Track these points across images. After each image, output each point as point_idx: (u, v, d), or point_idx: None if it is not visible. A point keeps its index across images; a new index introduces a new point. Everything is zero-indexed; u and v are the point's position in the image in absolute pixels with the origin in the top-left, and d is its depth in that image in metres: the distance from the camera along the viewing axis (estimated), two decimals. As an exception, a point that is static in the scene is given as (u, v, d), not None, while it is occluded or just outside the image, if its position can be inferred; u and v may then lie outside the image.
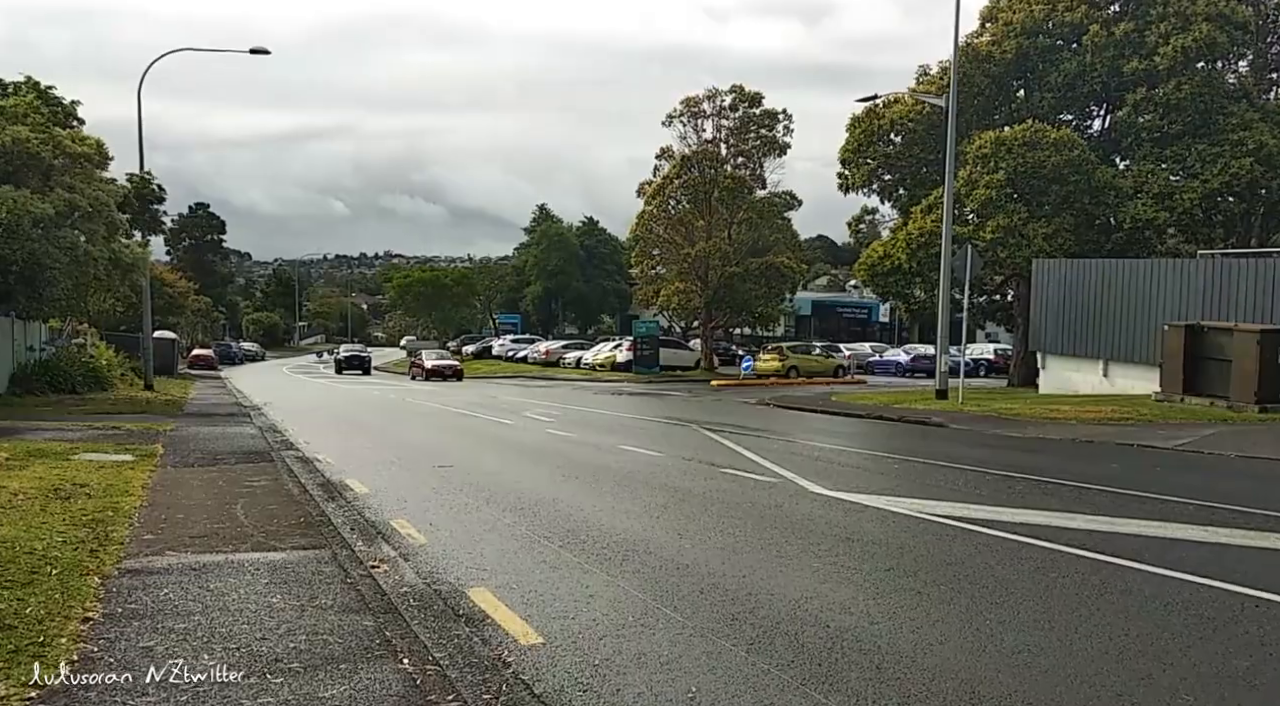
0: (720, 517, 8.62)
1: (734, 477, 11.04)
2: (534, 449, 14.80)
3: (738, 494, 9.94)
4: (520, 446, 15.25)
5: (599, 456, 13.48)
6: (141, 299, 33.03)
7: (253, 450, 14.51)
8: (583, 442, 15.81)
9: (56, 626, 4.83)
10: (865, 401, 24.40)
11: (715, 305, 44.88)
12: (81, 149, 26.55)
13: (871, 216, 31.13)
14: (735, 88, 43.81)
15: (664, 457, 13.20)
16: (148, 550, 6.87)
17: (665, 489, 10.35)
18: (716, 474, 11.42)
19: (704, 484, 10.72)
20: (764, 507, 9.10)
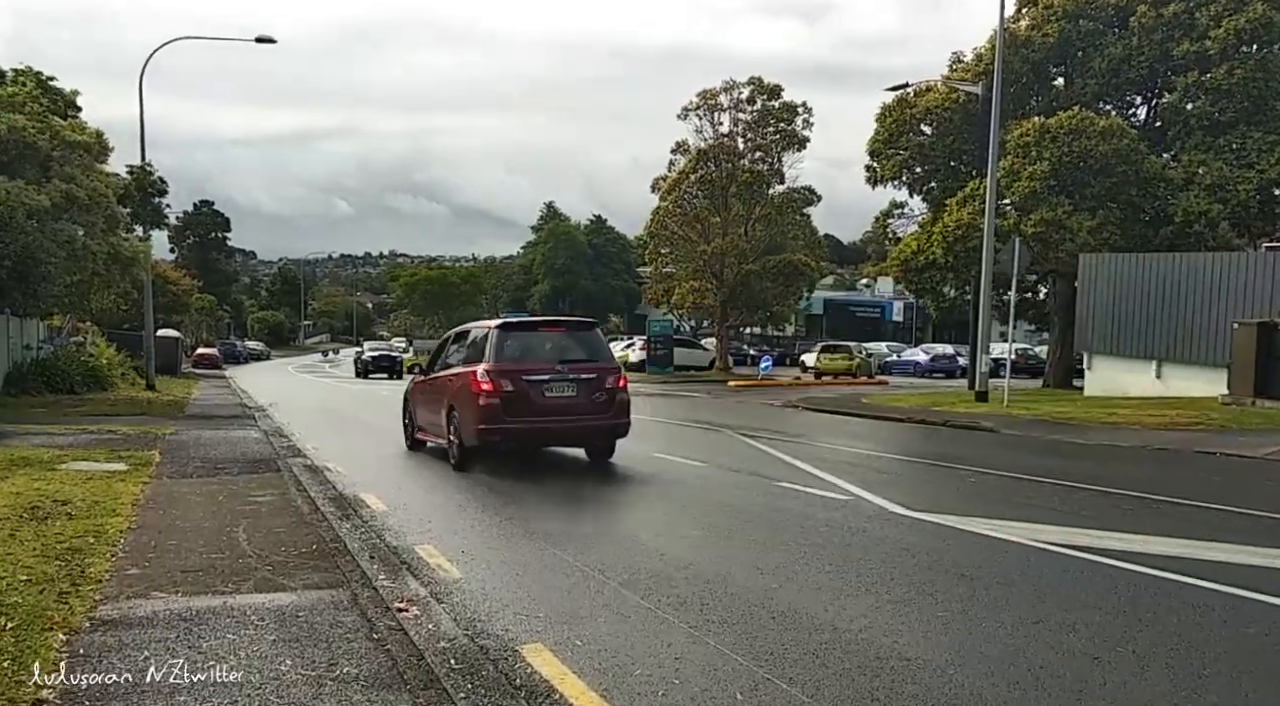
0: (799, 545, 7.44)
1: (796, 494, 9.85)
2: (559, 457, 13.61)
3: (808, 514, 8.76)
4: (543, 454, 14.07)
5: (635, 467, 12.29)
6: (143, 295, 31.92)
7: (257, 457, 13.37)
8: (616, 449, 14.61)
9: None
10: (900, 404, 23.20)
11: (731, 304, 43.66)
12: (80, 138, 25.45)
13: (901, 210, 29.90)
14: (753, 79, 42.61)
15: (707, 469, 12.01)
16: (130, 591, 5.70)
17: (722, 508, 9.16)
18: (774, 489, 10.23)
19: (763, 501, 9.54)
20: (845, 532, 7.92)
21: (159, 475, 11.15)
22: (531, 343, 12.37)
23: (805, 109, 42.36)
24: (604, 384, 12.00)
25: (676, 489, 10.30)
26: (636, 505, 9.43)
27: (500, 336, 12.05)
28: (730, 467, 12.09)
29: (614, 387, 12.14)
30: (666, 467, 12.11)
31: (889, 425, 19.11)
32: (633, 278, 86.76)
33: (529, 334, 12.74)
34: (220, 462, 12.71)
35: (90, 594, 5.52)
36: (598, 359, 12.36)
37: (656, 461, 12.71)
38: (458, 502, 9.64)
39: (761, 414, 22.64)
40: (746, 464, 12.46)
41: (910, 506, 8.93)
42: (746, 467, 12.05)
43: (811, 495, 9.71)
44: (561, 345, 12.42)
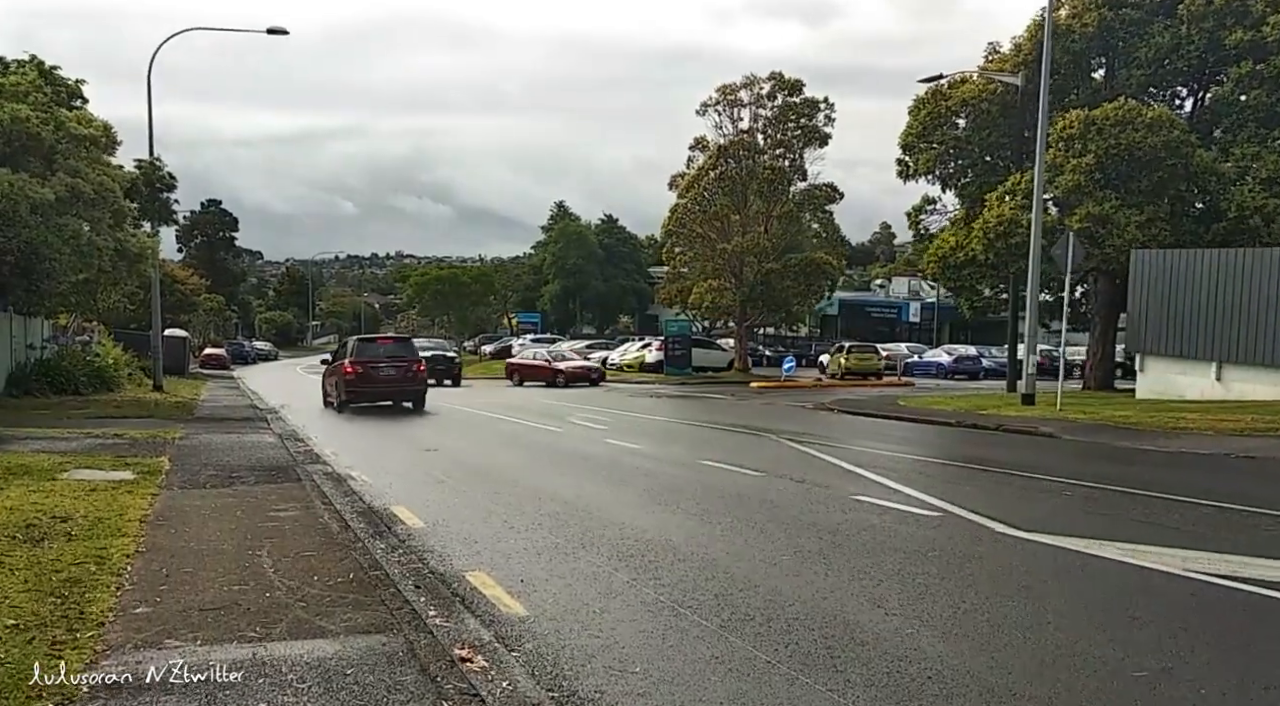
0: (914, 575, 6.42)
1: (879, 509, 8.84)
2: (605, 464, 12.62)
3: (904, 534, 7.75)
4: (586, 461, 13.07)
5: (688, 476, 11.31)
6: (150, 294, 31.00)
7: (274, 464, 12.40)
8: (656, 456, 13.62)
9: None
10: (941, 406, 22.16)
11: (751, 304, 42.64)
12: (87, 131, 24.49)
13: (933, 206, 28.86)
14: (774, 75, 41.61)
15: (767, 479, 10.99)
16: (137, 637, 4.71)
17: (804, 526, 8.13)
18: (852, 504, 9.21)
19: (848, 518, 8.52)
20: (959, 559, 6.91)
21: (169, 485, 10.17)
22: (374, 347, 23.75)
23: (827, 105, 41.39)
24: (410, 369, 22.70)
25: (747, 505, 9.27)
26: (706, 521, 8.41)
27: (358, 344, 23.82)
28: (793, 478, 11.06)
29: (416, 371, 22.90)
30: (723, 479, 11.10)
31: (939, 430, 18.09)
32: (644, 278, 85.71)
33: (372, 343, 24.39)
34: (235, 470, 11.74)
35: (89, 643, 4.53)
36: (408, 356, 23.33)
37: (711, 471, 11.70)
38: (503, 518, 8.64)
39: (797, 417, 21.62)
40: (809, 474, 11.44)
41: (1015, 525, 7.91)
42: (811, 478, 11.03)
43: (897, 511, 8.70)
44: (389, 349, 23.83)
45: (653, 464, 12.70)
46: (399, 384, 22.36)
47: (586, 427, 18.42)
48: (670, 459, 13.19)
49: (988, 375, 44.83)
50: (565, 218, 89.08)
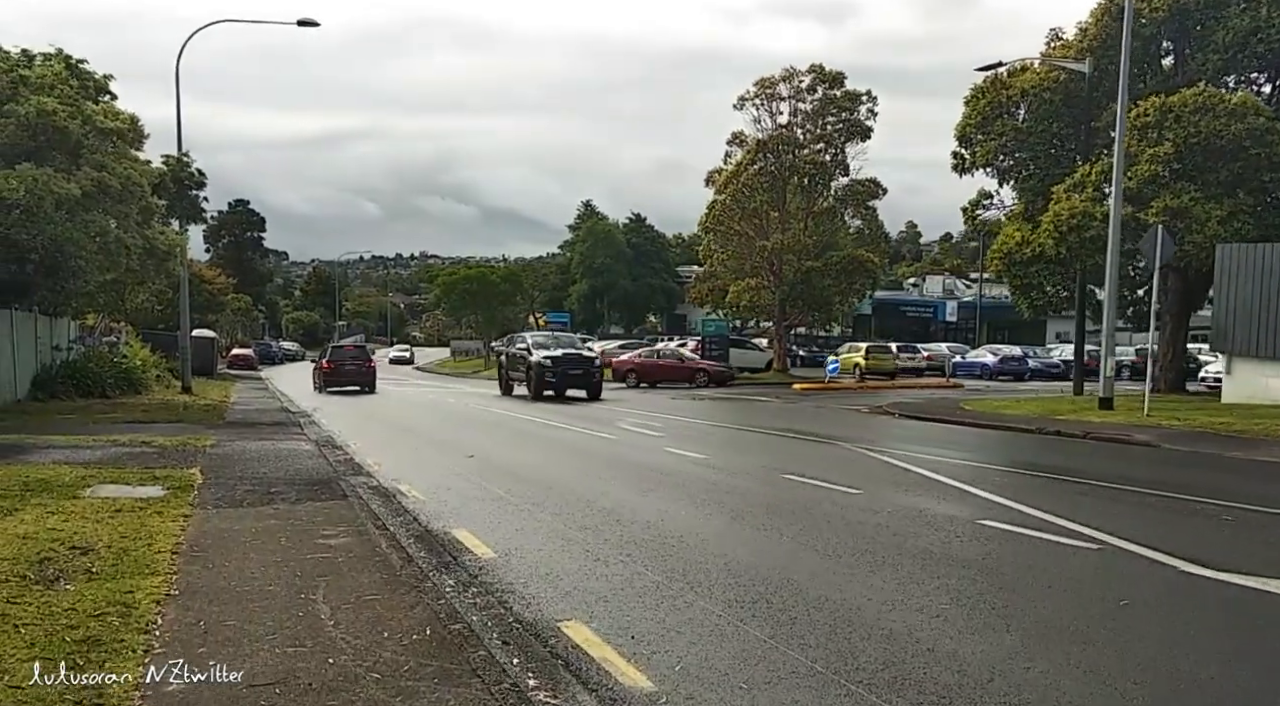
0: (1122, 635, 5.23)
1: (1022, 539, 7.64)
2: (677, 479, 11.47)
3: (1074, 576, 6.56)
4: (655, 475, 11.93)
5: (776, 494, 10.15)
6: (178, 293, 30.19)
7: (315, 477, 11.36)
8: (728, 469, 12.46)
9: None
10: (1009, 410, 20.87)
11: (790, 303, 41.37)
12: (113, 124, 23.64)
13: (989, 200, 27.47)
14: (814, 67, 40.31)
15: (869, 499, 9.79)
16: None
17: (947, 564, 6.92)
18: (985, 532, 8.00)
19: (991, 550, 7.33)
20: (1162, 610, 5.70)
21: (203, 503, 9.13)
22: (341, 352, 35.19)
23: (869, 97, 40.07)
24: (365, 366, 33.34)
25: (862, 533, 8.09)
26: (831, 556, 7.24)
27: (331, 349, 35.81)
28: (895, 496, 9.87)
29: (370, 366, 33.70)
30: (817, 497, 9.92)
31: (1019, 437, 16.80)
32: (672, 277, 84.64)
33: (341, 349, 35.93)
34: (273, 484, 10.69)
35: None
36: (363, 358, 34.11)
37: (798, 488, 10.52)
38: (584, 547, 7.50)
39: (858, 422, 20.41)
40: (909, 491, 10.24)
41: (1198, 561, 6.69)
42: (915, 496, 9.83)
43: (1044, 541, 7.49)
44: (351, 353, 34.75)
45: (729, 478, 11.53)
46: (356, 375, 33.48)
47: (640, 434, 17.29)
48: (745, 471, 12.02)
49: (1034, 376, 43.38)
50: (593, 217, 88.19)
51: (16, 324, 21.46)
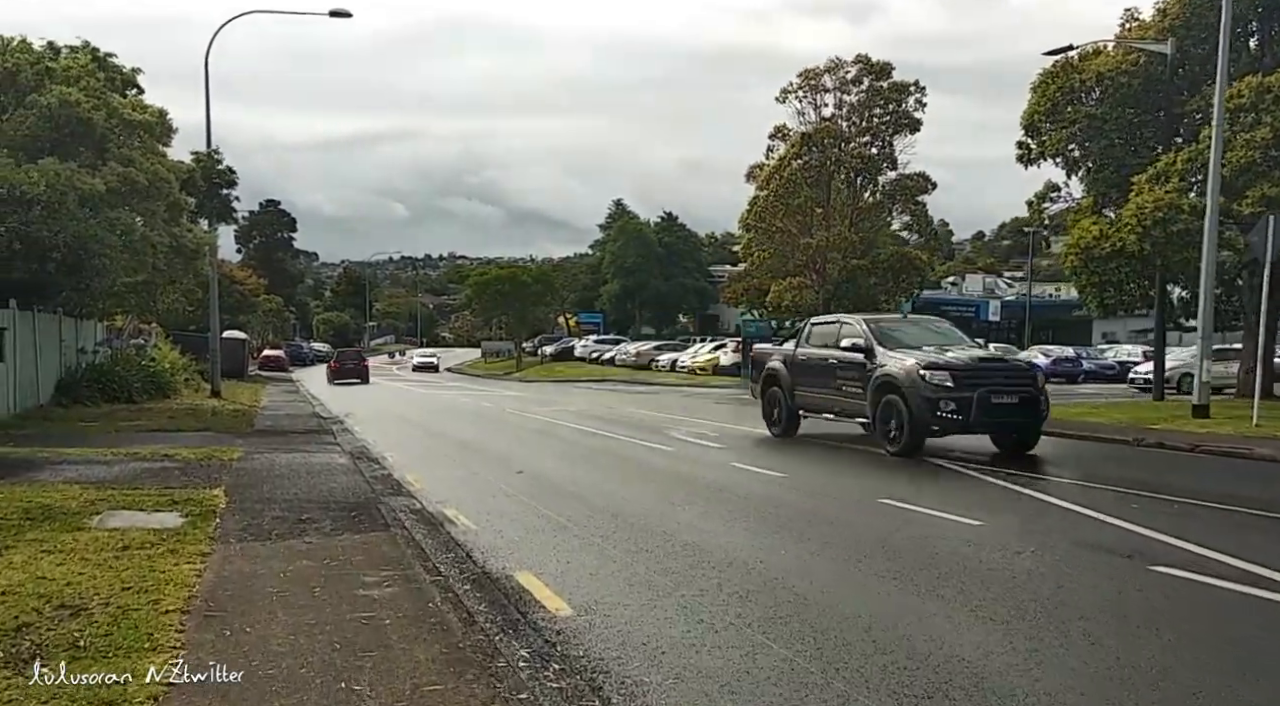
0: None
1: (1225, 596, 6.23)
2: (759, 503, 10.13)
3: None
4: (731, 496, 10.61)
5: (881, 526, 8.80)
6: (207, 294, 29.28)
7: (351, 500, 10.15)
8: (813, 490, 11.12)
9: None
10: (1092, 418, 19.36)
11: (835, 302, 39.80)
12: (141, 117, 22.72)
13: (1057, 193, 25.85)
14: (860, 58, 38.76)
15: (997, 534, 8.39)
16: None
17: (1150, 626, 5.55)
18: (1169, 583, 6.57)
19: (1189, 609, 5.96)
20: None
21: (224, 536, 7.94)
22: (345, 354, 50.56)
23: (917, 88, 38.42)
24: (360, 365, 47.74)
25: (1011, 583, 6.72)
26: (1004, 628, 5.89)
27: (338, 352, 52.85)
28: (1026, 529, 8.48)
29: (364, 365, 48.17)
30: (929, 529, 8.55)
31: (1121, 450, 15.28)
32: (704, 276, 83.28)
33: (345, 352, 51.69)
34: (305, 509, 9.49)
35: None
36: (361, 360, 48.96)
37: (901, 516, 9.14)
38: (681, 602, 6.18)
39: (927, 432, 18.96)
40: (1037, 521, 8.86)
41: None
42: (1052, 531, 8.44)
43: (1256, 600, 6.08)
44: (352, 354, 50.73)
45: (820, 503, 10.19)
46: (354, 372, 46.70)
47: (698, 445, 15.97)
48: (834, 494, 10.67)
49: (1088, 378, 41.64)
50: (624, 216, 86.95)
51: (39, 326, 20.51)
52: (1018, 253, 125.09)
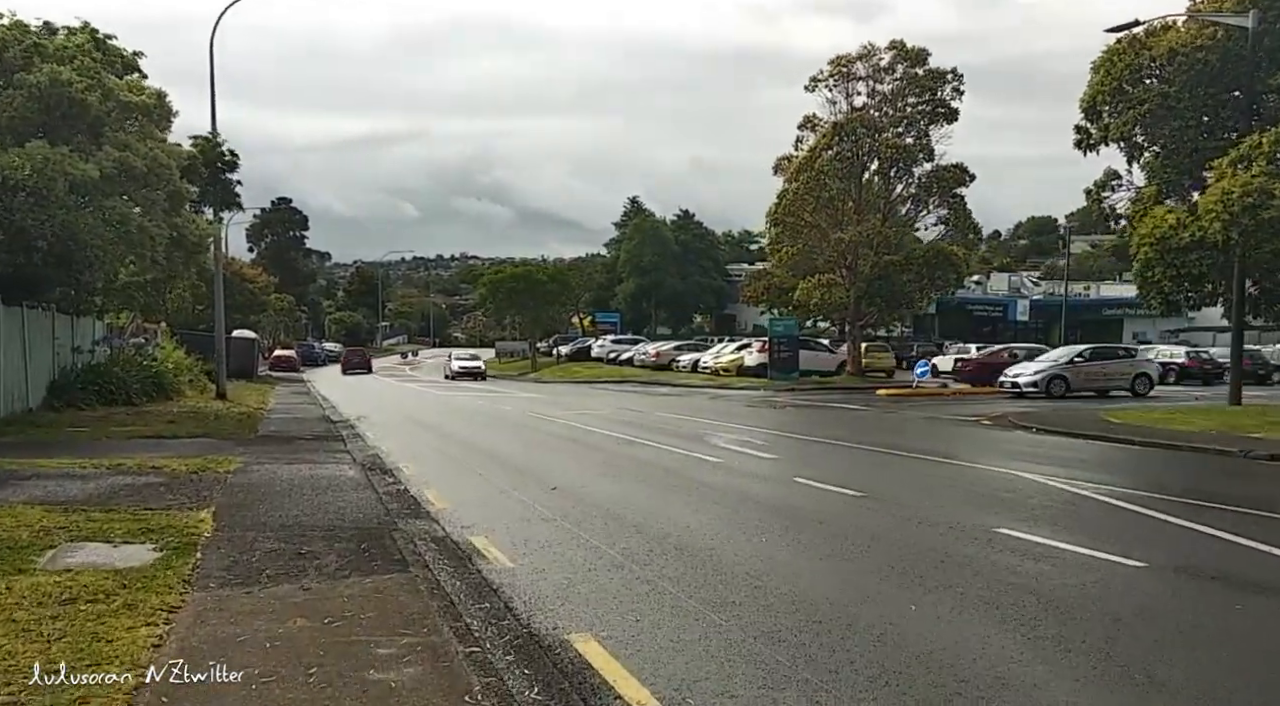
0: None
1: None
2: (843, 529, 8.51)
3: None
4: (806, 520, 8.97)
5: (1009, 564, 7.16)
6: (212, 289, 27.77)
7: (361, 524, 8.59)
8: (899, 513, 9.45)
9: None
10: (1176, 425, 17.59)
11: (867, 300, 38.12)
12: (138, 99, 21.14)
13: (1118, 181, 24.08)
14: (895, 43, 37.01)
15: (1173, 585, 6.75)
16: None
17: None
18: None
19: None
20: None
21: (203, 579, 6.36)
22: (352, 351, 63.32)
23: (955, 76, 36.67)
24: (364, 359, 59.80)
25: (1239, 664, 5.07)
26: None
27: (346, 351, 64.95)
28: (1199, 573, 6.82)
29: (367, 359, 60.67)
30: (1081, 571, 6.90)
31: (1230, 462, 13.55)
32: (721, 275, 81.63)
33: (355, 348, 67.67)
34: (306, 536, 7.94)
35: None
36: (365, 356, 61.33)
37: (1027, 551, 7.47)
38: (797, 682, 4.56)
39: (993, 440, 17.28)
40: (1207, 560, 7.19)
41: None
42: (1233, 577, 6.77)
43: None
44: (359, 351, 63.33)
45: (917, 531, 8.51)
46: (359, 365, 56.69)
47: (745, 455, 14.33)
48: (928, 519, 9.00)
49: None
50: (640, 213, 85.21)
51: (29, 323, 19.03)
52: (1034, 252, 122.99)
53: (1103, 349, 32.82)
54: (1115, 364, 30.57)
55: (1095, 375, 29.93)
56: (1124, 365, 30.61)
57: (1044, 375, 29.34)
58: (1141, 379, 30.01)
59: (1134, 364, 30.99)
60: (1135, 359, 31.78)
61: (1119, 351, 32.92)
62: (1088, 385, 29.57)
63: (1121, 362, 30.80)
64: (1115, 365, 30.45)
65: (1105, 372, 29.95)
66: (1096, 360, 30.43)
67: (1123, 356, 31.81)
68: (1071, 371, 29.62)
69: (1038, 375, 29.43)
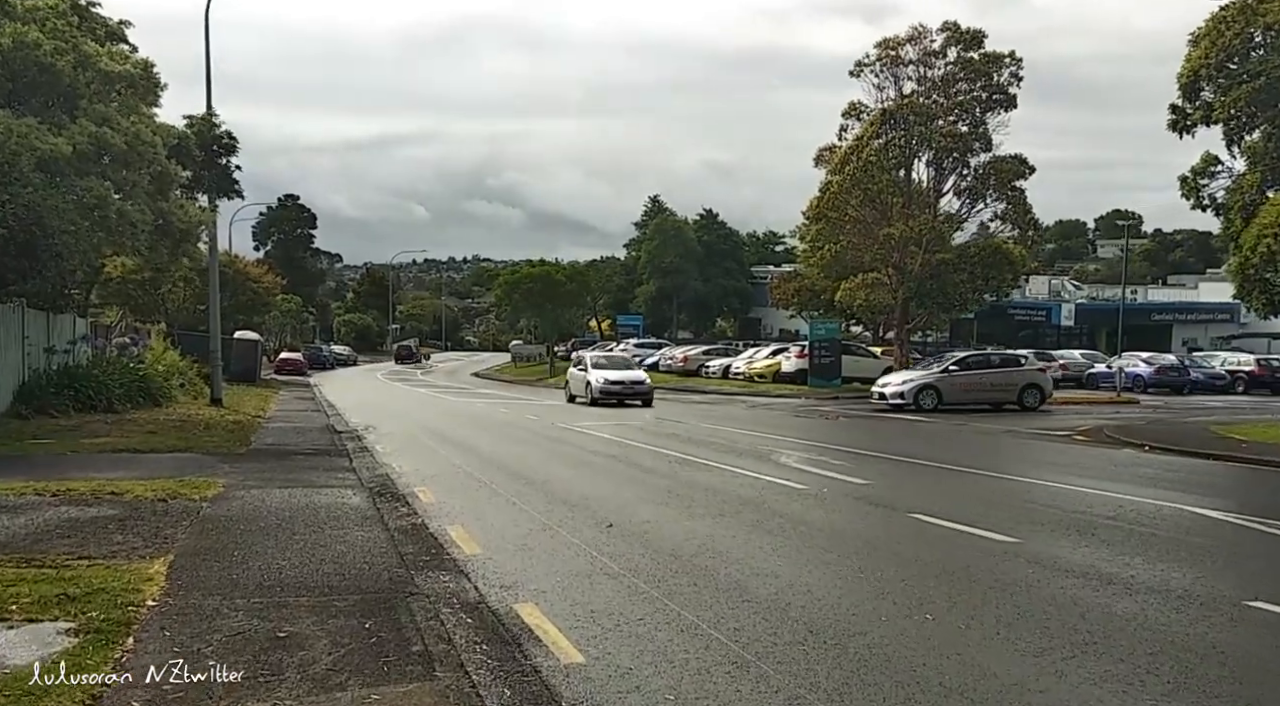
0: None
1: None
2: (1015, 593, 6.10)
3: None
4: (971, 582, 6.55)
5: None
6: (207, 284, 25.42)
7: (366, 580, 6.30)
8: (1074, 568, 7.00)
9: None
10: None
11: (917, 301, 35.51)
12: (120, 68, 18.81)
13: (1217, 167, 21.47)
14: (948, 25, 34.43)
15: None
16: None
17: None
18: None
19: None
20: None
21: (122, 700, 3.92)
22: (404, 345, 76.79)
23: (1013, 60, 34.06)
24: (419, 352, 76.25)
25: None
26: None
27: (398, 345, 78.22)
28: None
29: (420, 352, 77.08)
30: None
31: None
32: (746, 277, 79.05)
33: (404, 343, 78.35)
34: (289, 607, 5.58)
35: None
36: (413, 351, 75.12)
37: None
38: None
39: (1103, 460, 14.77)
40: None
41: None
42: None
43: None
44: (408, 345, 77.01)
45: (1153, 609, 6.03)
46: (411, 358, 70.60)
47: (831, 479, 11.84)
48: (1145, 584, 6.50)
49: (1194, 389, 36.96)
50: (661, 213, 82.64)
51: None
52: (1062, 256, 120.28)
53: (982, 357, 28.65)
54: (998, 374, 26.61)
55: (973, 386, 25.83)
56: (1009, 375, 26.66)
57: (913, 386, 25.74)
58: (1031, 391, 26.18)
59: (1022, 374, 27.07)
60: (1024, 368, 27.87)
61: (1004, 359, 28.53)
62: (965, 397, 25.69)
63: (1007, 372, 26.84)
64: (998, 375, 26.51)
65: (988, 383, 25.98)
66: (976, 369, 26.52)
67: (1008, 365, 27.69)
68: (945, 382, 25.91)
69: (905, 385, 25.87)
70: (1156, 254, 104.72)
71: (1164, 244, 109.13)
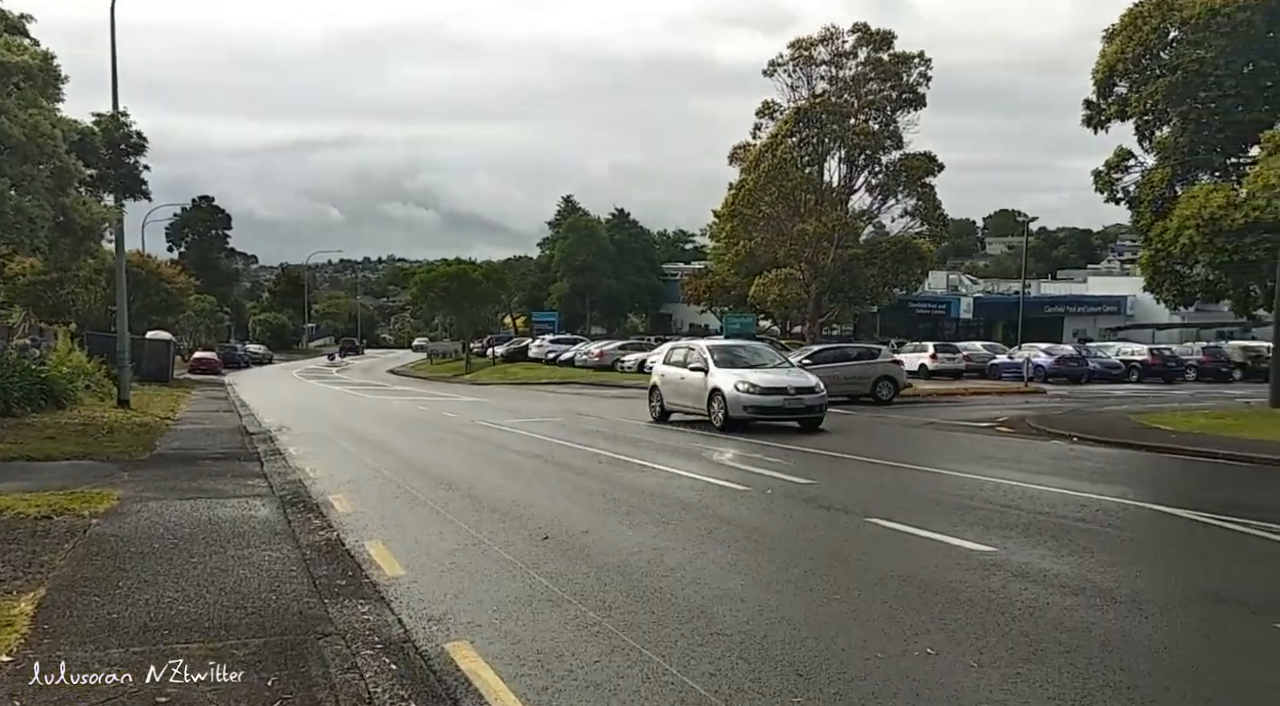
0: None
1: None
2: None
3: None
4: (960, 603, 6.49)
5: None
6: (114, 285, 24.44)
7: (271, 616, 5.98)
8: (1087, 586, 7.16)
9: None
10: (1244, 433, 15.65)
11: (829, 295, 36.18)
12: (17, 59, 17.85)
13: (1128, 163, 22.08)
14: (859, 26, 35.22)
15: None
16: None
17: None
18: None
19: None
20: None
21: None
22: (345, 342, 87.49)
23: (922, 60, 34.93)
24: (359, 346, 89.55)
25: None
26: None
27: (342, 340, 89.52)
28: None
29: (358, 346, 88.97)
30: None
31: None
32: (657, 275, 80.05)
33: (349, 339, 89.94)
34: (174, 656, 5.12)
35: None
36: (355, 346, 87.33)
37: None
38: None
39: (1025, 451, 15.19)
40: None
41: None
42: None
43: None
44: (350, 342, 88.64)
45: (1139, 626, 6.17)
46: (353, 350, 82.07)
47: (773, 479, 11.86)
48: (1133, 596, 6.66)
49: (1091, 378, 38.50)
50: (574, 212, 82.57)
51: None
52: (953, 253, 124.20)
53: (837, 350, 28.36)
54: (852, 367, 26.50)
55: (828, 379, 24.04)
56: (862, 368, 26.63)
57: None
58: (884, 383, 26.22)
59: (874, 366, 26.93)
60: (876, 361, 27.56)
61: (860, 352, 28.45)
62: None
63: (860, 365, 26.74)
64: (852, 368, 26.42)
65: (842, 376, 25.37)
66: (831, 362, 26.06)
67: (864, 358, 27.63)
68: None
69: None
70: (1041, 250, 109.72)
71: (1048, 241, 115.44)
